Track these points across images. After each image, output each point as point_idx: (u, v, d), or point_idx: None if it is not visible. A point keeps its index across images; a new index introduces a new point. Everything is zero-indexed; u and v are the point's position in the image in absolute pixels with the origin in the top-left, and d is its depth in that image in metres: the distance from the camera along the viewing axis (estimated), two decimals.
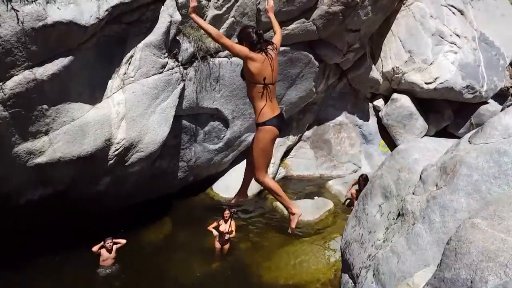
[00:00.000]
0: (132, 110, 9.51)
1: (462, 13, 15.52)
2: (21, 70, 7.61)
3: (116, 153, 9.46)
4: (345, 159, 15.06)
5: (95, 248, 8.78)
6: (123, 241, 9.04)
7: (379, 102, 15.56)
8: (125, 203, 10.74)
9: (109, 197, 10.35)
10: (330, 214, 11.86)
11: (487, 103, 15.60)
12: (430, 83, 14.53)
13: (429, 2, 14.94)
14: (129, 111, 9.46)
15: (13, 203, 8.73)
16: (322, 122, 15.26)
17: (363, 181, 11.73)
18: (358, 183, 11.93)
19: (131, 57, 9.53)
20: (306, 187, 13.91)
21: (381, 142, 15.61)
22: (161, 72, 9.94)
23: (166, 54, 9.96)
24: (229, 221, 9.80)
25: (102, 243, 8.80)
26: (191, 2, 4.54)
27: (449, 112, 15.78)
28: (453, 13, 15.26)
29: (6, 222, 8.62)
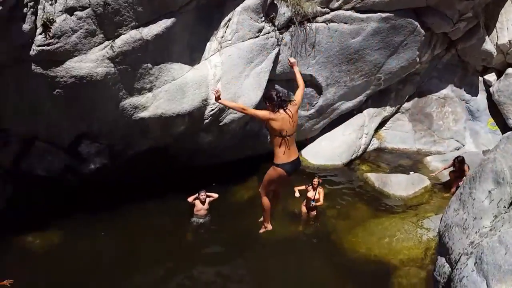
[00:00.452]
0: (228, 72, 9.73)
1: None
2: (128, 30, 8.14)
3: (211, 113, 9.83)
4: (447, 135, 13.93)
5: (190, 199, 9.37)
6: (215, 195, 9.51)
7: (490, 77, 13.98)
8: (217, 159, 11.24)
9: (204, 154, 10.92)
10: (426, 192, 11.17)
11: None
12: None
13: None
14: (225, 73, 9.71)
15: (123, 155, 9.63)
16: (424, 95, 14.18)
17: (458, 163, 10.98)
18: (453, 165, 11.16)
19: (229, 20, 9.68)
20: (400, 160, 13.19)
21: (489, 120, 14.12)
22: (257, 36, 9.98)
23: (263, 18, 9.94)
24: (317, 189, 9.72)
25: (197, 195, 9.34)
26: (215, 93, 5.31)
27: None
28: None
29: (117, 174, 9.65)
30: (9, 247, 8.17)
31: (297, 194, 9.93)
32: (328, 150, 12.42)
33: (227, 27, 9.68)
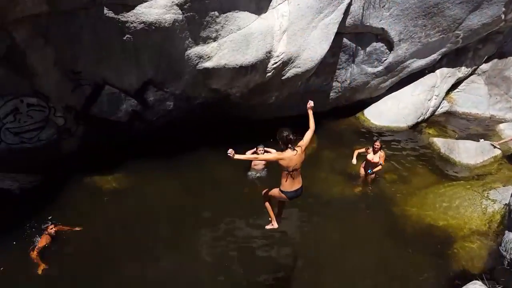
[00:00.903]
0: (295, 23, 9.35)
1: None
2: None
3: (274, 66, 9.63)
4: None
5: (248, 153, 9.40)
6: (273, 151, 9.41)
7: None
8: (277, 114, 11.16)
9: (264, 107, 10.86)
10: (496, 161, 10.53)
11: None
12: None
13: None
14: (292, 24, 9.34)
15: (186, 104, 9.77)
16: (504, 56, 12.97)
17: None
18: None
19: None
20: (470, 126, 12.44)
21: None
22: None
23: None
24: (378, 152, 9.40)
25: (255, 149, 9.40)
26: (231, 153, 5.65)
27: None
28: None
29: (179, 122, 9.85)
30: (80, 186, 8.76)
31: (354, 161, 9.64)
32: (393, 111, 11.94)
33: None
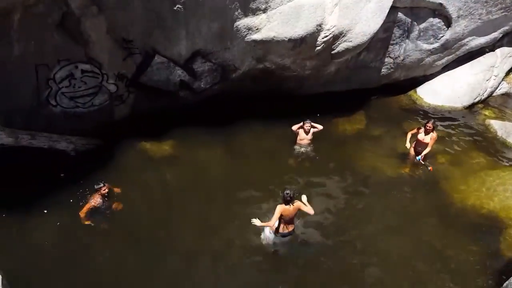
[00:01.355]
0: None
1: None
2: None
3: (324, 39, 9.38)
4: None
5: (294, 128, 9.38)
6: (320, 126, 9.35)
7: None
8: (324, 89, 10.94)
9: (310, 81, 10.66)
10: None
11: None
12: None
13: None
14: None
15: (234, 76, 9.76)
16: None
17: None
18: None
19: None
20: None
21: None
22: None
23: None
24: (431, 133, 8.98)
25: (302, 124, 9.29)
26: (256, 222, 6.91)
27: None
28: None
29: (227, 93, 9.96)
30: (130, 151, 9.03)
31: (407, 145, 9.22)
32: (448, 90, 11.36)
33: None
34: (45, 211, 7.62)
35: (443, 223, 7.86)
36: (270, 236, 7.31)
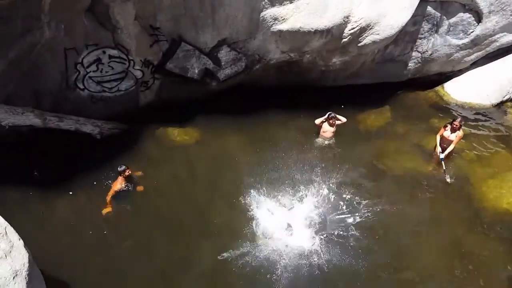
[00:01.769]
0: None
1: None
2: None
3: (351, 31, 9.27)
4: None
5: (318, 121, 9.32)
6: (344, 119, 9.26)
7: None
8: (349, 81, 10.84)
9: (335, 73, 10.55)
10: None
11: None
12: None
13: None
14: None
15: (258, 65, 9.76)
16: None
17: None
18: None
19: None
20: None
21: None
22: None
23: None
24: (457, 131, 8.77)
25: (326, 116, 9.21)
26: None
27: None
28: None
29: (251, 83, 9.99)
30: (153, 136, 9.17)
31: (438, 149, 8.93)
32: (476, 87, 11.08)
33: None
34: (70, 192, 7.81)
35: (468, 221, 7.72)
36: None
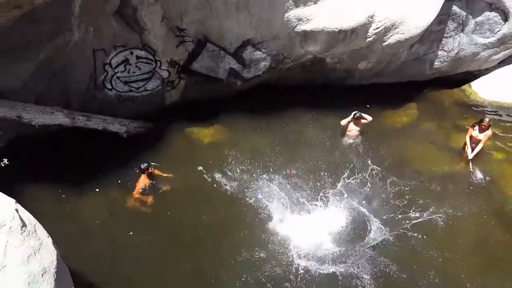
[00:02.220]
0: None
1: None
2: None
3: (375, 31, 9.23)
4: None
5: (343, 122, 9.25)
6: (369, 118, 9.15)
7: None
8: (374, 80, 10.76)
9: (359, 72, 10.48)
10: None
11: None
12: None
13: None
14: None
15: (282, 65, 9.80)
16: None
17: None
18: None
19: None
20: None
21: None
22: None
23: None
24: (485, 131, 8.57)
25: (351, 116, 9.13)
26: None
27: None
28: None
29: (275, 82, 10.07)
30: (178, 134, 9.24)
31: (469, 151, 8.70)
32: (504, 86, 10.87)
33: None
34: (97, 189, 7.90)
35: (497, 222, 7.55)
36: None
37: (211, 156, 8.75)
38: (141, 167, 7.79)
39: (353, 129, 9.24)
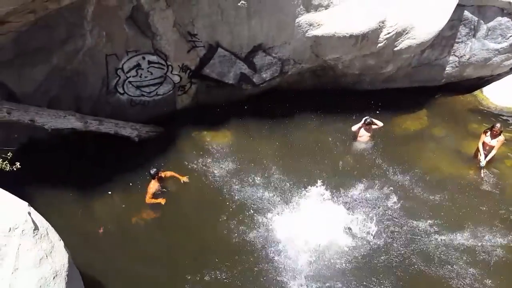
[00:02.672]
0: None
1: None
2: None
3: (387, 36, 9.20)
4: None
5: (354, 128, 9.22)
6: (380, 123, 9.13)
7: None
8: (385, 85, 10.71)
9: (370, 77, 10.47)
10: None
11: None
12: None
13: None
14: None
15: (293, 70, 9.80)
16: None
17: None
18: None
19: None
20: None
21: None
22: None
23: None
24: (498, 137, 8.48)
25: (362, 122, 9.11)
26: None
27: None
28: None
29: (285, 87, 10.07)
30: (189, 139, 9.29)
31: (482, 158, 8.60)
32: None
33: None
34: (109, 192, 7.97)
35: (508, 230, 7.43)
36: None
37: (222, 160, 8.76)
38: (150, 172, 7.81)
39: (364, 135, 9.21)
